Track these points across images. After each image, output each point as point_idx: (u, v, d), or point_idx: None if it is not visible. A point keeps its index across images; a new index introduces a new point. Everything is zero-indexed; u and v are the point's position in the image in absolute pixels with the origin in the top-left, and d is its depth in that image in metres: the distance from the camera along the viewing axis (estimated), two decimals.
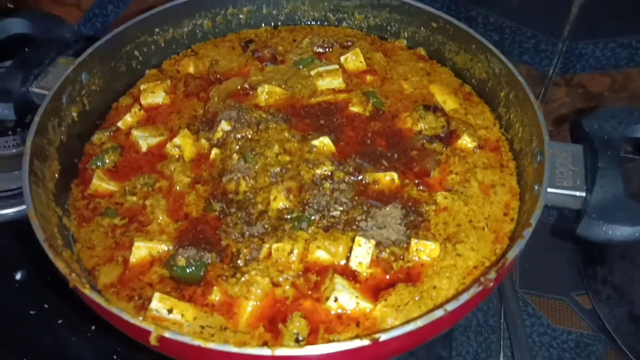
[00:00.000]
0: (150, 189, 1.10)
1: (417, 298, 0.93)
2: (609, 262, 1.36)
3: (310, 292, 0.95)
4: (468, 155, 1.14)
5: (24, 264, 1.28)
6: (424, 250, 0.99)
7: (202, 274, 0.97)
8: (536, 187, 0.99)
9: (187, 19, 1.37)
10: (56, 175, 1.10)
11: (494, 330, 1.30)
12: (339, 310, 0.92)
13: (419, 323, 0.81)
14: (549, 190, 0.97)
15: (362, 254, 0.97)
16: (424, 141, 1.17)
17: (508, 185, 1.10)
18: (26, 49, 1.20)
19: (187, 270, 0.97)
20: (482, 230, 1.03)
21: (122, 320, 0.83)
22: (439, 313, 0.82)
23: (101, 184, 1.11)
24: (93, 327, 1.17)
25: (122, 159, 1.17)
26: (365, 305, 0.92)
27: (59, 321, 1.19)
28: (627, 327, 1.27)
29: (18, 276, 1.27)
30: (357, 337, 0.79)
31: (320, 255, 0.98)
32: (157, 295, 0.91)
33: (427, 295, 0.94)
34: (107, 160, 1.15)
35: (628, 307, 1.28)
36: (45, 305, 1.21)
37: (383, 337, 0.79)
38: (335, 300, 0.92)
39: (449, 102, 1.25)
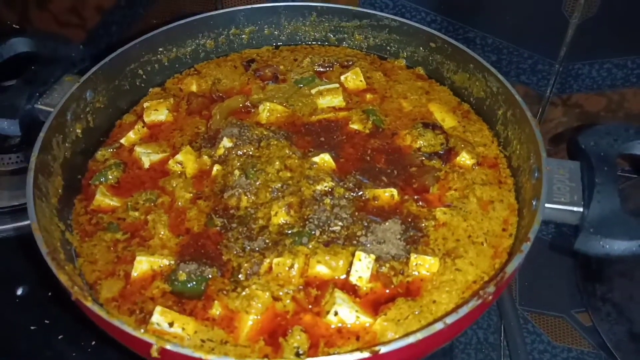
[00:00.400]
0: (152, 204, 1.12)
1: (416, 312, 0.93)
2: (608, 279, 1.36)
3: (310, 306, 0.95)
4: (467, 172, 1.16)
5: (26, 279, 1.28)
6: (424, 265, 0.99)
7: (203, 288, 0.98)
8: (534, 203, 1.01)
9: (191, 39, 1.40)
10: (60, 191, 1.11)
11: (494, 348, 1.30)
12: (339, 325, 0.93)
13: (419, 336, 0.81)
14: (547, 205, 0.99)
15: (362, 269, 0.98)
16: (423, 158, 1.18)
17: (506, 201, 1.12)
18: (32, 67, 1.22)
19: (188, 285, 0.97)
20: (481, 245, 1.03)
21: (123, 332, 0.83)
22: (438, 326, 0.83)
23: (104, 199, 1.12)
24: (93, 343, 1.17)
25: (125, 175, 1.18)
26: (365, 319, 0.93)
27: (60, 336, 1.19)
28: (628, 345, 1.27)
29: (19, 292, 1.27)
30: (357, 350, 0.80)
31: (321, 269, 0.99)
32: (158, 308, 0.92)
33: (426, 309, 0.94)
34: (110, 177, 1.16)
35: (628, 324, 1.28)
36: (46, 321, 1.21)
37: (383, 349, 0.80)
38: (336, 314, 0.93)
39: (447, 120, 1.27)
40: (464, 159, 1.17)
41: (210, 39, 1.43)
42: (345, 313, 0.93)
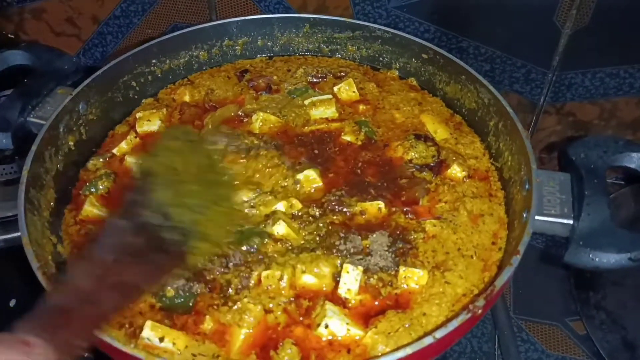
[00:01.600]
0: None
1: (407, 325, 0.93)
2: (601, 287, 1.36)
3: (301, 318, 0.96)
4: (457, 185, 1.16)
5: (19, 291, 1.28)
6: (412, 277, 0.99)
7: (191, 304, 0.97)
8: (524, 215, 1.01)
9: (184, 50, 1.41)
10: (52, 204, 1.11)
11: (488, 357, 1.30)
12: (330, 337, 0.93)
13: (408, 350, 0.82)
14: (537, 217, 0.99)
15: (350, 281, 0.98)
16: (414, 170, 1.18)
17: (496, 215, 1.12)
18: (25, 80, 1.23)
19: (176, 301, 0.97)
20: (471, 258, 1.04)
21: (113, 348, 0.84)
22: (427, 340, 0.83)
23: (92, 209, 1.12)
24: (86, 355, 1.17)
25: (116, 185, 1.18)
26: (356, 332, 0.93)
27: None
28: (621, 353, 1.27)
29: (12, 303, 1.27)
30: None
31: (308, 279, 0.99)
32: (148, 323, 0.92)
33: (417, 322, 0.94)
34: (101, 187, 1.16)
35: (622, 332, 1.28)
36: None
37: None
38: (327, 326, 0.93)
39: (439, 132, 1.27)
40: (455, 171, 1.18)
41: (204, 51, 1.43)
42: (336, 325, 0.93)
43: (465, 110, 1.31)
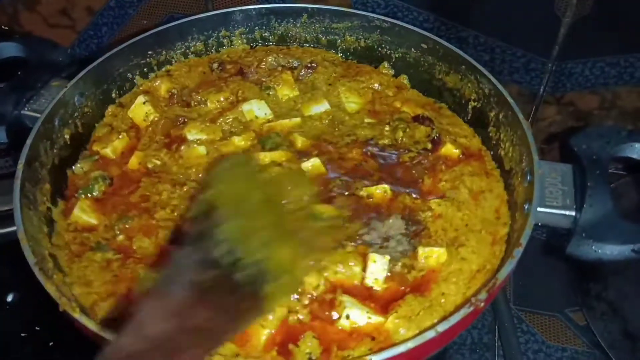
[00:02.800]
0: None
1: (427, 306, 0.94)
2: (602, 278, 1.36)
3: (326, 313, 0.95)
4: (454, 163, 1.16)
5: (16, 285, 1.27)
6: (432, 256, 0.99)
7: None
8: (526, 207, 1.00)
9: (180, 41, 1.39)
10: (48, 198, 1.10)
11: (488, 348, 1.30)
12: (353, 327, 0.92)
13: (410, 345, 0.81)
14: (539, 209, 0.98)
15: (377, 270, 0.97)
16: (407, 151, 1.19)
17: (496, 191, 1.11)
18: (19, 72, 1.21)
19: None
20: (480, 233, 1.04)
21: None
22: (430, 334, 0.82)
23: (82, 215, 1.08)
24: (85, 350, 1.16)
25: (111, 188, 1.14)
26: (377, 319, 0.93)
27: (50, 343, 1.18)
28: (622, 343, 1.27)
29: (9, 298, 1.26)
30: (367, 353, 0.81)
31: (338, 277, 0.98)
32: None
33: (436, 302, 0.94)
34: (96, 191, 1.13)
35: (622, 323, 1.28)
36: (37, 328, 1.20)
37: (374, 358, 0.80)
38: (347, 317, 0.92)
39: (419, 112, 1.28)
40: (449, 149, 1.18)
41: (200, 42, 1.41)
42: (356, 315, 0.92)
43: (464, 100, 1.30)
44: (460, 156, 1.18)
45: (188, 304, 0.68)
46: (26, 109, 1.18)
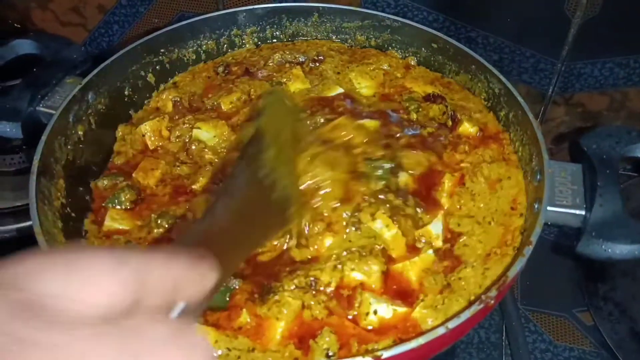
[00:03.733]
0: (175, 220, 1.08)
1: (450, 292, 0.95)
2: (610, 278, 1.36)
3: (348, 313, 0.95)
4: (475, 143, 1.18)
5: None
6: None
7: (227, 299, 0.95)
8: (536, 206, 1.01)
9: (192, 40, 1.40)
10: (62, 193, 1.11)
11: (495, 347, 1.30)
12: (380, 322, 0.93)
13: (421, 341, 0.82)
14: (549, 208, 0.99)
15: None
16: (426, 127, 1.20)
17: (514, 178, 1.12)
18: (34, 69, 1.22)
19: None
20: (488, 224, 1.05)
21: None
22: (440, 331, 0.83)
23: (113, 224, 1.08)
24: None
25: (140, 199, 1.14)
26: (403, 309, 0.94)
27: None
28: (629, 344, 1.27)
29: None
30: (361, 353, 0.81)
31: (356, 276, 0.98)
32: None
33: (457, 287, 0.96)
34: (124, 200, 1.12)
35: (630, 323, 1.29)
36: None
37: (385, 354, 0.80)
38: (375, 312, 0.93)
39: (428, 90, 1.29)
40: (467, 127, 1.20)
41: (212, 40, 1.42)
42: (383, 310, 0.94)
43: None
44: (479, 133, 1.19)
45: (245, 206, 0.78)
46: (41, 105, 1.19)
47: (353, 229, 1.02)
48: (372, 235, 1.02)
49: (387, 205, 1.04)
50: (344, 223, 1.02)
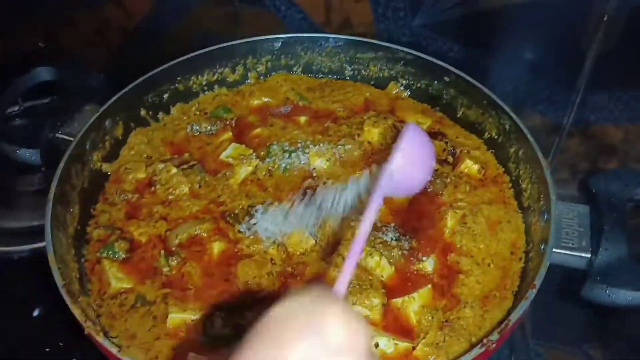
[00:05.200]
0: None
1: (450, 331, 0.96)
2: (621, 315, 1.34)
3: None
4: (476, 185, 1.19)
5: (42, 300, 1.29)
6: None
7: None
8: (542, 247, 1.00)
9: (208, 67, 1.42)
10: (77, 219, 1.14)
11: None
12: (382, 356, 0.95)
13: None
14: (555, 250, 0.99)
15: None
16: None
17: (514, 223, 1.13)
18: (55, 96, 1.26)
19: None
20: (488, 266, 1.06)
21: None
22: None
23: (118, 284, 1.06)
24: None
25: (134, 251, 1.11)
26: (404, 344, 0.95)
27: None
28: None
29: (35, 312, 1.29)
30: None
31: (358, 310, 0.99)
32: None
33: (458, 326, 0.97)
34: (118, 250, 1.09)
35: None
36: (60, 343, 1.23)
37: None
38: (376, 345, 0.94)
39: (422, 121, 1.32)
40: (469, 165, 1.21)
41: (228, 68, 1.45)
42: (384, 343, 0.95)
43: (487, 133, 1.31)
44: (481, 172, 1.21)
45: None
46: (60, 132, 1.22)
47: None
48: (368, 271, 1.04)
49: (380, 244, 1.05)
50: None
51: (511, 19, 1.37)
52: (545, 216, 1.04)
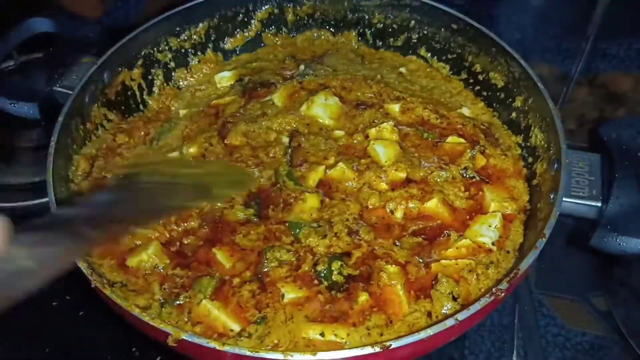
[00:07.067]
0: None
1: None
2: (627, 264, 1.34)
3: None
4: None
5: (61, 294, 1.26)
6: None
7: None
8: (552, 196, 0.99)
9: (207, 18, 1.37)
10: (79, 173, 1.12)
11: (507, 330, 1.30)
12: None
13: (430, 332, 0.82)
14: (565, 199, 0.97)
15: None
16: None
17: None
18: (50, 49, 1.22)
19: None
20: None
21: (140, 320, 0.86)
22: (449, 322, 0.83)
23: None
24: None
25: None
26: None
27: (80, 313, 1.22)
28: None
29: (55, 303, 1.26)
30: (367, 345, 0.81)
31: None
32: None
33: None
34: None
35: None
36: (67, 297, 1.23)
37: (394, 344, 0.81)
38: None
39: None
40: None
41: (226, 19, 1.40)
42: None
43: (491, 83, 1.28)
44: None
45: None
46: (57, 85, 1.19)
47: None
48: None
49: None
50: None
51: None
52: (555, 165, 1.02)
